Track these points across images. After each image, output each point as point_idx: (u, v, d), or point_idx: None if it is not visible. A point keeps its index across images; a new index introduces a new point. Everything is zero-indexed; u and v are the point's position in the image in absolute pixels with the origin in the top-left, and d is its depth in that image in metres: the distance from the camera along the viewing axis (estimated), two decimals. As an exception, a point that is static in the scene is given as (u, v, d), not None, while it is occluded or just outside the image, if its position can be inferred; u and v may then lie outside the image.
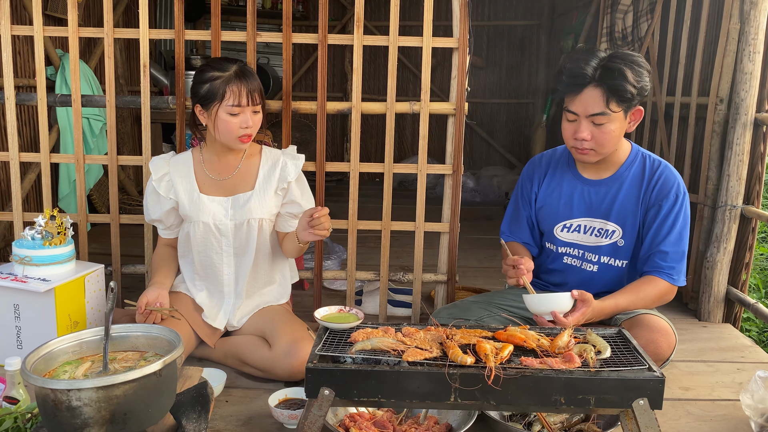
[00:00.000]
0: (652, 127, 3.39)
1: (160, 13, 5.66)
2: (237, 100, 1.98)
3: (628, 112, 1.90)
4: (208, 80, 2.00)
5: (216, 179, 2.13)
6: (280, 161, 2.15)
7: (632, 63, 1.85)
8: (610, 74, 1.83)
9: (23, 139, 3.53)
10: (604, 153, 1.95)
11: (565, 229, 2.10)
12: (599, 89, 1.85)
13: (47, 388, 1.30)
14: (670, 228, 1.96)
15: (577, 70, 1.86)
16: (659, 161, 2.03)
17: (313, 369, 1.40)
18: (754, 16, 2.56)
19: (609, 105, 1.85)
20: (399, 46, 2.36)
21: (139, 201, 4.39)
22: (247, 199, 2.11)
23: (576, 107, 1.89)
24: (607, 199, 2.03)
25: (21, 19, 3.44)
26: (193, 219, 2.11)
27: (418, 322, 2.59)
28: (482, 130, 6.81)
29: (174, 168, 2.14)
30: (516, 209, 2.21)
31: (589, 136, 1.90)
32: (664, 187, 1.97)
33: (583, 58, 1.87)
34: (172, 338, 1.54)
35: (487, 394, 1.37)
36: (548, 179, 2.14)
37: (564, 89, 1.91)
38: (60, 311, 2.00)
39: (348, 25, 6.47)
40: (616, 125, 1.89)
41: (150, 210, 2.17)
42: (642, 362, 1.44)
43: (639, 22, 3.48)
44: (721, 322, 2.78)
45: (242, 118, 2.01)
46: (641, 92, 1.86)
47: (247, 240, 2.14)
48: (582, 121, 1.89)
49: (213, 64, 2.05)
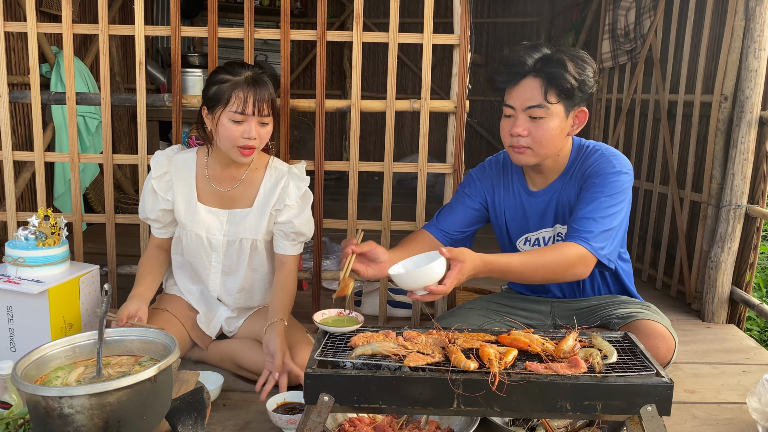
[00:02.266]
0: (655, 125, 3.36)
1: (157, 9, 5.62)
2: (241, 107, 1.86)
3: (570, 110, 1.79)
4: (217, 82, 1.89)
5: (216, 189, 2.04)
6: (283, 181, 2.02)
7: (575, 57, 1.77)
8: (550, 63, 1.74)
9: (18, 138, 3.48)
10: (542, 153, 1.81)
11: (527, 243, 2.01)
12: (537, 79, 1.75)
13: (38, 395, 1.27)
14: (592, 199, 1.78)
15: (516, 59, 1.78)
16: (594, 148, 1.89)
17: (312, 375, 1.36)
18: (760, 13, 2.53)
19: (547, 96, 1.74)
20: (398, 43, 2.33)
21: (136, 200, 4.36)
22: (243, 216, 2.03)
23: (513, 100, 1.79)
24: (551, 204, 1.93)
25: (15, 15, 3.39)
26: (186, 227, 2.04)
27: (418, 323, 2.56)
28: (482, 127, 6.78)
29: (175, 168, 2.05)
30: (457, 200, 2.06)
31: (526, 132, 1.78)
32: (595, 169, 1.84)
33: (525, 50, 1.78)
34: (167, 342, 1.50)
35: (491, 400, 1.34)
36: (502, 191, 2.02)
37: (501, 79, 1.82)
38: (54, 313, 1.96)
39: (347, 21, 6.43)
40: (556, 123, 1.77)
41: (147, 208, 2.07)
42: (650, 367, 1.41)
43: (642, 18, 3.44)
44: (725, 322, 2.75)
45: (245, 128, 1.88)
46: (582, 87, 1.76)
47: (238, 260, 2.06)
48: (519, 116, 1.79)
49: (228, 66, 1.93)
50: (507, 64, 1.80)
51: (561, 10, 5.85)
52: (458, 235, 2.03)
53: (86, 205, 4.10)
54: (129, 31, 2.35)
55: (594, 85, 1.79)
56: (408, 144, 6.78)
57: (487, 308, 2.11)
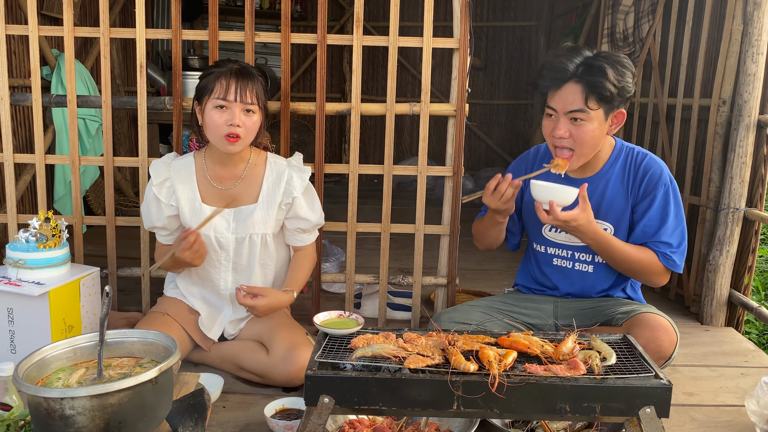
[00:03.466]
0: (653, 128, 3.37)
1: (157, 12, 5.62)
2: (223, 94, 1.92)
3: (609, 113, 1.87)
4: (205, 76, 1.98)
5: (218, 188, 2.06)
6: (286, 174, 2.07)
7: (616, 62, 1.83)
8: (591, 71, 1.81)
9: (18, 140, 3.49)
10: (583, 154, 1.91)
11: (554, 229, 2.08)
12: (579, 85, 1.83)
13: (40, 397, 1.27)
14: (663, 218, 1.93)
15: (558, 64, 1.85)
16: (643, 153, 2.01)
17: (313, 376, 1.37)
18: (758, 18, 2.54)
19: (588, 102, 1.82)
20: (398, 46, 2.34)
21: (136, 202, 4.36)
22: (250, 212, 2.05)
23: (555, 103, 1.87)
24: (594, 196, 1.99)
25: (16, 18, 3.41)
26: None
27: (418, 325, 2.57)
28: (481, 130, 6.79)
29: (175, 173, 2.06)
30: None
31: (567, 134, 1.86)
32: (652, 179, 1.95)
33: (567, 55, 1.86)
34: (168, 344, 1.51)
35: (491, 402, 1.34)
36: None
37: (545, 84, 1.90)
38: (54, 315, 1.97)
39: (347, 25, 6.44)
40: (595, 125, 1.86)
41: (152, 217, 2.07)
42: (648, 369, 1.41)
43: (640, 22, 3.46)
44: (724, 325, 2.76)
45: (229, 115, 1.92)
46: (622, 92, 1.84)
47: (249, 256, 2.08)
48: (561, 118, 1.87)
49: (217, 62, 2.04)
50: (550, 69, 1.87)
51: (560, 13, 5.88)
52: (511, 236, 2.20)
53: (86, 207, 4.10)
54: (130, 35, 2.36)
55: (633, 89, 1.87)
56: (408, 147, 6.79)
57: (489, 306, 2.13)
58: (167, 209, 2.05)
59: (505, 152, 6.73)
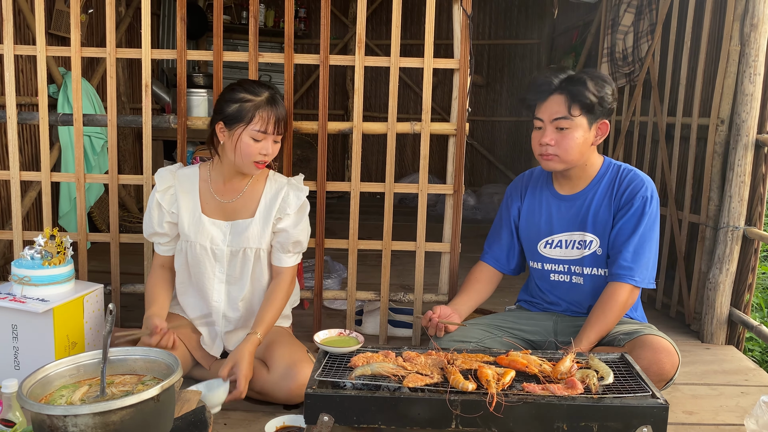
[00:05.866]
0: (653, 147, 3.39)
1: (163, 30, 5.69)
2: (264, 127, 1.96)
3: (592, 122, 2.00)
4: (238, 101, 1.96)
5: (219, 201, 2.10)
6: (283, 191, 2.10)
7: (596, 77, 2.01)
8: (573, 82, 1.99)
9: (24, 156, 3.53)
10: (568, 160, 2.02)
11: (548, 245, 2.15)
12: (562, 95, 1.99)
13: (43, 414, 1.29)
14: (633, 230, 2.01)
15: (544, 79, 2.03)
16: (629, 169, 2.10)
17: (313, 395, 1.38)
18: (755, 38, 2.57)
19: (571, 110, 1.97)
20: (400, 66, 2.37)
21: (140, 219, 4.39)
22: (246, 226, 2.08)
23: (542, 113, 2.03)
24: (582, 210, 2.10)
25: (24, 37, 3.46)
26: (191, 239, 2.09)
27: (419, 343, 2.57)
28: (483, 147, 6.83)
29: (179, 182, 2.11)
30: (499, 224, 2.30)
31: (553, 141, 2.00)
32: (632, 192, 2.04)
33: (552, 72, 2.04)
34: (170, 362, 1.53)
35: (489, 420, 1.36)
36: (529, 197, 2.22)
37: (532, 97, 2.06)
38: (58, 332, 1.99)
39: (350, 43, 6.51)
40: (580, 133, 1.99)
41: (154, 222, 2.10)
42: (645, 389, 1.43)
43: (639, 42, 3.49)
44: (724, 344, 2.76)
45: (263, 145, 1.98)
46: (602, 102, 1.98)
47: (242, 269, 2.10)
48: (547, 127, 2.01)
49: (245, 85, 2.01)
50: (536, 83, 2.06)
51: (561, 32, 5.93)
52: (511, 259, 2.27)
53: (90, 223, 4.13)
54: (136, 55, 2.40)
55: (613, 102, 2.02)
56: (410, 163, 6.83)
57: (489, 323, 2.16)
58: (168, 215, 2.10)
59: (508, 169, 6.77)
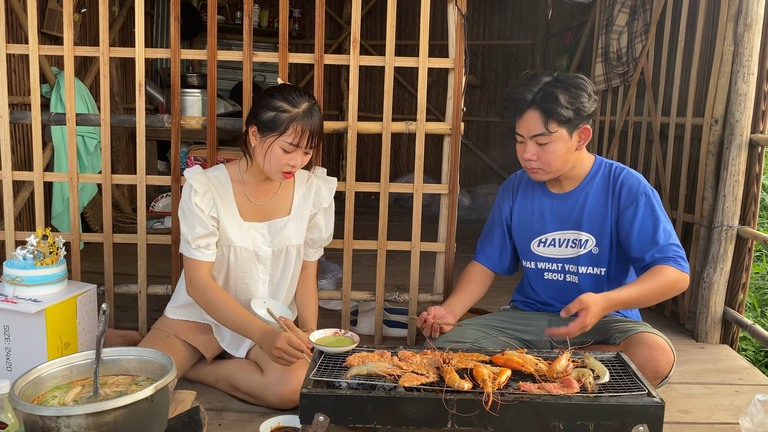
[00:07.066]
0: (647, 146, 3.40)
1: (156, 30, 5.67)
2: (297, 141, 1.91)
3: (572, 131, 1.97)
4: (275, 109, 1.91)
5: (255, 204, 2.06)
6: (314, 185, 2.13)
7: (569, 86, 1.94)
8: (545, 98, 1.93)
9: (17, 157, 3.51)
10: (552, 171, 2.02)
11: (541, 244, 2.15)
12: (537, 111, 1.95)
13: (36, 415, 1.28)
14: (655, 224, 1.98)
15: (516, 95, 1.98)
16: (621, 167, 2.09)
17: (308, 394, 1.38)
18: (748, 38, 2.58)
19: (548, 126, 1.94)
20: (395, 66, 2.37)
21: (134, 219, 4.37)
22: (283, 224, 2.08)
23: (521, 129, 2.00)
24: (575, 209, 2.09)
25: (17, 37, 3.44)
26: (233, 244, 2.02)
27: (414, 343, 2.57)
28: (478, 147, 6.83)
29: (213, 185, 2.02)
30: (491, 224, 2.30)
31: (535, 156, 1.98)
32: (631, 190, 2.02)
33: (525, 84, 1.98)
34: (164, 362, 1.51)
35: (485, 420, 1.35)
36: (521, 196, 2.22)
37: (508, 114, 2.03)
38: (51, 332, 1.97)
39: (344, 43, 6.51)
40: (560, 144, 1.97)
41: (198, 228, 1.95)
42: (641, 387, 1.43)
43: (633, 42, 3.50)
44: (719, 343, 2.77)
45: (293, 157, 1.94)
46: (579, 112, 1.93)
47: (285, 267, 2.12)
48: (528, 142, 1.99)
49: (285, 93, 1.94)
50: (510, 100, 2.01)
51: (555, 32, 5.94)
52: (504, 259, 2.27)
53: (83, 224, 4.11)
54: (129, 54, 2.38)
55: (591, 106, 1.97)
56: (405, 163, 6.83)
57: (484, 323, 2.15)
58: (208, 220, 1.98)
59: (502, 169, 6.78)
